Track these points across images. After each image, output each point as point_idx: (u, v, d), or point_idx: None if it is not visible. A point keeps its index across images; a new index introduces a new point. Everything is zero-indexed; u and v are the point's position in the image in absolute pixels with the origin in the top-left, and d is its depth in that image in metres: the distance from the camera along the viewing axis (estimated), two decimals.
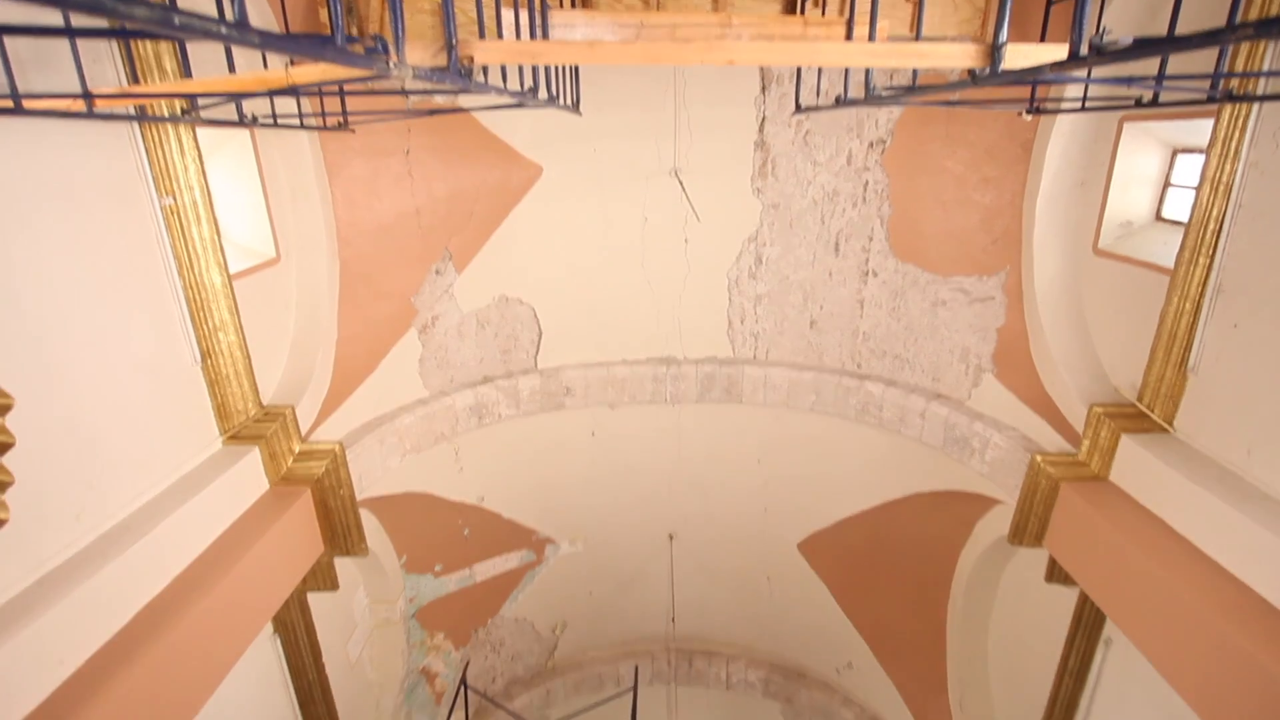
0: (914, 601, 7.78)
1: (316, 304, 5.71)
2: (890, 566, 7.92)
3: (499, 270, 6.99)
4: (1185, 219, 4.42)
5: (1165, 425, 4.70)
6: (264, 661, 5.26)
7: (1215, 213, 4.20)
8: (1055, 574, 5.39)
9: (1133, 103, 3.82)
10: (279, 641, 5.34)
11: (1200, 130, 4.64)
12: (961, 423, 6.22)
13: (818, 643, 9.41)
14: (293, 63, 1.99)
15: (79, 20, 2.67)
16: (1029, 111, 4.41)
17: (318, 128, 4.83)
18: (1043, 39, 2.94)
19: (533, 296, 7.29)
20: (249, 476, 4.80)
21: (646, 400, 7.73)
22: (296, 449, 5.17)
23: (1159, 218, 5.29)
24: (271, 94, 2.77)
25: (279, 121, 4.37)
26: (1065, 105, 4.75)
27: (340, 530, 5.42)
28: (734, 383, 7.58)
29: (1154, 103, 3.50)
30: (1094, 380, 5.34)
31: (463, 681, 7.18)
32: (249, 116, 3.86)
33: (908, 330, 6.71)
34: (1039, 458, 5.22)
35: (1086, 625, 5.27)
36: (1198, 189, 4.28)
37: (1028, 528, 5.42)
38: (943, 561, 7.27)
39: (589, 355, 7.62)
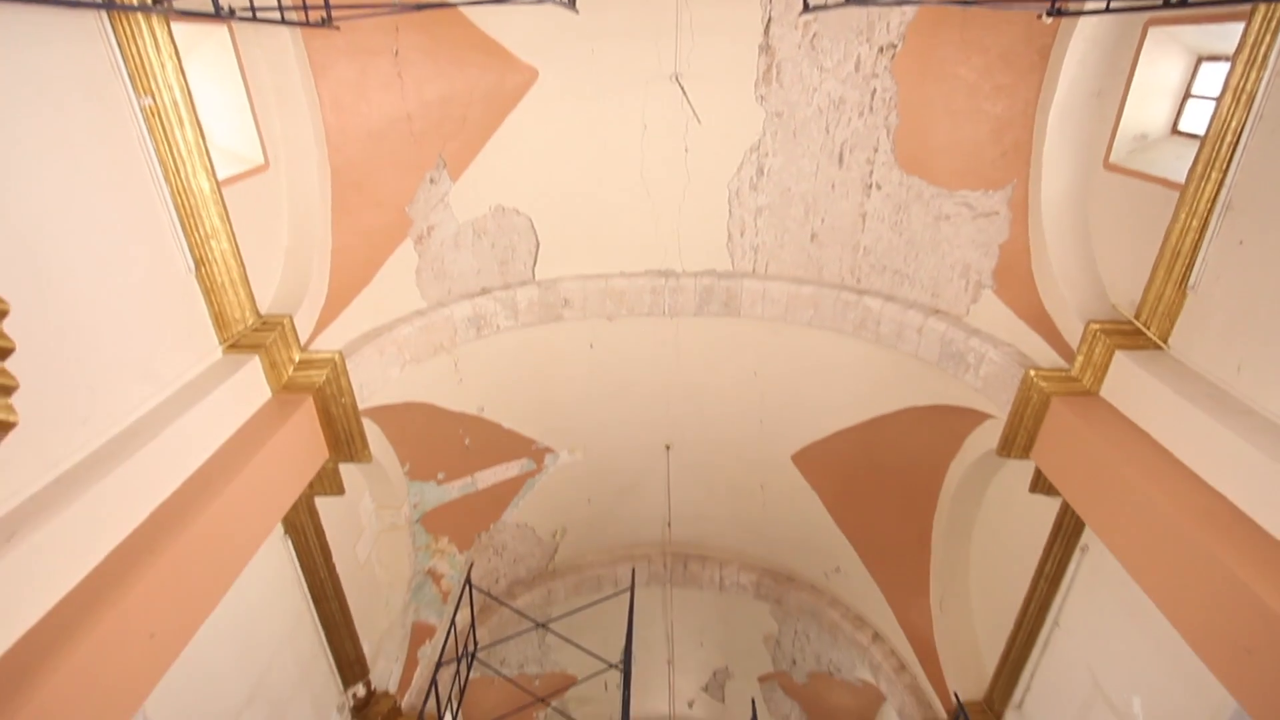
0: (902, 510, 8.06)
1: (309, 212, 5.61)
2: (881, 477, 8.16)
3: (495, 179, 6.81)
4: (1202, 132, 4.27)
5: (1159, 342, 4.73)
6: (278, 561, 5.51)
7: (1234, 125, 4.05)
8: (1039, 484, 5.56)
9: (1161, 2, 3.63)
10: (290, 543, 5.57)
11: (1229, 35, 4.42)
12: (958, 338, 6.25)
13: (808, 549, 9.82)
14: None
15: None
16: (1050, 13, 4.19)
17: (299, 23, 4.59)
18: None
19: (530, 206, 7.15)
20: (251, 384, 4.86)
21: (644, 313, 7.73)
22: (296, 358, 5.20)
23: (1175, 131, 5.12)
24: None
25: (258, 15, 4.15)
26: (1089, 6, 4.51)
27: (343, 437, 5.54)
28: (733, 296, 7.55)
29: (1184, 2, 3.32)
30: (1093, 297, 5.33)
31: (467, 581, 7.56)
32: (225, 8, 3.66)
33: (909, 245, 6.63)
34: (1032, 372, 5.27)
35: (1065, 533, 5.49)
36: (1219, 99, 4.11)
37: (1016, 440, 5.55)
38: (932, 473, 7.49)
39: (587, 267, 7.55)
